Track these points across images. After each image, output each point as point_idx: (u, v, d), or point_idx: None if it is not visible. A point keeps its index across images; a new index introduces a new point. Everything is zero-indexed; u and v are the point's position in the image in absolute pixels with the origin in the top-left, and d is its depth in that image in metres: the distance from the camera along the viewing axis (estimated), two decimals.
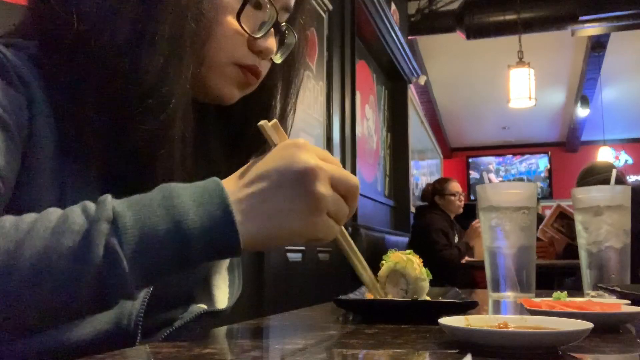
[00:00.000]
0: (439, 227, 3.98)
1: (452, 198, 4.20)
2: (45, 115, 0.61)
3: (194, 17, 0.66)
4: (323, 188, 0.58)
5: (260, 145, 0.83)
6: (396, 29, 4.20)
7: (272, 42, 0.75)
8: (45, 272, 0.49)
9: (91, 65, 0.62)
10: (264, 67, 0.76)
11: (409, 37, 5.25)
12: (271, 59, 0.77)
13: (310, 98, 2.90)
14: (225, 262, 0.85)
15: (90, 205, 0.53)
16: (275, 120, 0.64)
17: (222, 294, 0.82)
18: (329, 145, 3.13)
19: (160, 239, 0.52)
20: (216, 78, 0.72)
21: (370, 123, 4.21)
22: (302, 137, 2.45)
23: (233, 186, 0.58)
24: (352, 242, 0.73)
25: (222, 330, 0.71)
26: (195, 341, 0.59)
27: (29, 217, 0.52)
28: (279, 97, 0.85)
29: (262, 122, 0.63)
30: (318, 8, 3.05)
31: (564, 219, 3.55)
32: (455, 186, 4.25)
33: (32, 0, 0.68)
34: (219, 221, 0.54)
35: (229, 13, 0.70)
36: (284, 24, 0.79)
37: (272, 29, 0.74)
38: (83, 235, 0.50)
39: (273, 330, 0.76)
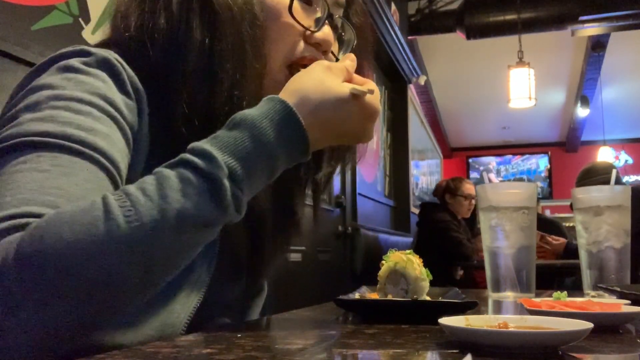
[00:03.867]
0: (453, 224, 3.86)
1: (463, 200, 4.03)
2: (147, 124, 0.69)
3: (250, 22, 0.71)
4: (374, 123, 0.70)
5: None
6: (396, 29, 4.20)
7: (329, 33, 0.78)
8: (188, 232, 0.55)
9: (174, 83, 0.69)
10: None
11: (409, 37, 5.25)
12: (336, 57, 0.81)
13: None
14: (261, 301, 0.93)
15: (199, 164, 0.56)
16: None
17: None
18: None
19: (259, 178, 0.61)
20: (269, 84, 0.75)
21: None
22: None
23: (303, 113, 0.63)
24: None
25: (222, 330, 0.71)
26: (195, 341, 0.59)
27: (150, 184, 0.55)
28: None
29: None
30: None
31: (545, 236, 3.56)
32: (469, 188, 4.05)
33: (113, 30, 0.74)
34: (298, 155, 0.64)
35: (282, 11, 0.74)
36: (338, 17, 0.82)
37: (327, 22, 0.77)
38: (211, 193, 0.56)
39: (273, 330, 0.76)
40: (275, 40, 0.74)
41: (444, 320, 0.55)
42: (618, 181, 2.15)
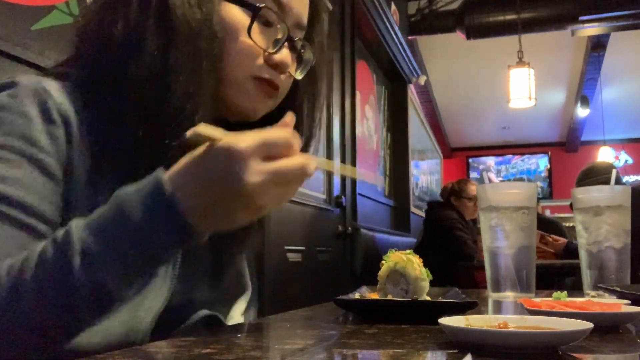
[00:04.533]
0: (460, 223, 3.85)
1: (468, 202, 4.01)
2: (80, 146, 0.67)
3: (207, 38, 0.71)
4: (262, 200, 0.58)
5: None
6: (396, 29, 4.20)
7: (287, 56, 0.78)
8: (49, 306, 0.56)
9: (125, 92, 0.68)
10: (283, 82, 0.79)
11: (409, 37, 5.25)
12: (292, 76, 0.81)
13: None
14: (244, 301, 0.89)
15: (57, 237, 0.57)
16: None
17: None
18: (329, 145, 3.13)
19: (127, 257, 0.57)
20: (237, 94, 0.76)
21: (370, 123, 4.21)
22: None
23: (182, 197, 0.57)
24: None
25: (222, 330, 0.71)
26: (195, 341, 0.59)
27: (26, 256, 0.57)
28: (305, 115, 0.87)
29: (195, 130, 0.58)
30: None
31: (545, 236, 3.55)
32: (474, 190, 3.98)
33: (77, 34, 0.75)
34: (181, 236, 0.58)
35: (241, 30, 0.74)
36: (299, 39, 0.82)
37: (287, 44, 0.77)
38: (60, 268, 0.56)
39: (273, 330, 0.76)
40: (235, 57, 0.74)
41: (444, 320, 0.55)
42: (618, 181, 2.16)
